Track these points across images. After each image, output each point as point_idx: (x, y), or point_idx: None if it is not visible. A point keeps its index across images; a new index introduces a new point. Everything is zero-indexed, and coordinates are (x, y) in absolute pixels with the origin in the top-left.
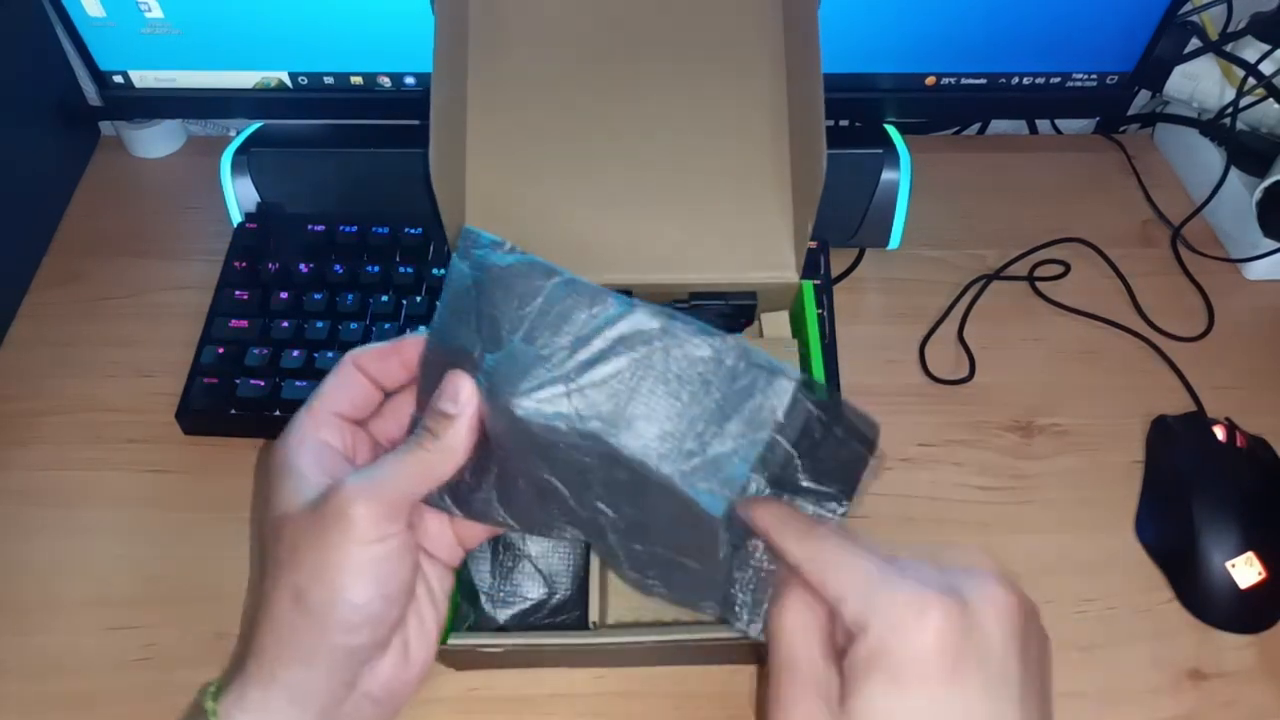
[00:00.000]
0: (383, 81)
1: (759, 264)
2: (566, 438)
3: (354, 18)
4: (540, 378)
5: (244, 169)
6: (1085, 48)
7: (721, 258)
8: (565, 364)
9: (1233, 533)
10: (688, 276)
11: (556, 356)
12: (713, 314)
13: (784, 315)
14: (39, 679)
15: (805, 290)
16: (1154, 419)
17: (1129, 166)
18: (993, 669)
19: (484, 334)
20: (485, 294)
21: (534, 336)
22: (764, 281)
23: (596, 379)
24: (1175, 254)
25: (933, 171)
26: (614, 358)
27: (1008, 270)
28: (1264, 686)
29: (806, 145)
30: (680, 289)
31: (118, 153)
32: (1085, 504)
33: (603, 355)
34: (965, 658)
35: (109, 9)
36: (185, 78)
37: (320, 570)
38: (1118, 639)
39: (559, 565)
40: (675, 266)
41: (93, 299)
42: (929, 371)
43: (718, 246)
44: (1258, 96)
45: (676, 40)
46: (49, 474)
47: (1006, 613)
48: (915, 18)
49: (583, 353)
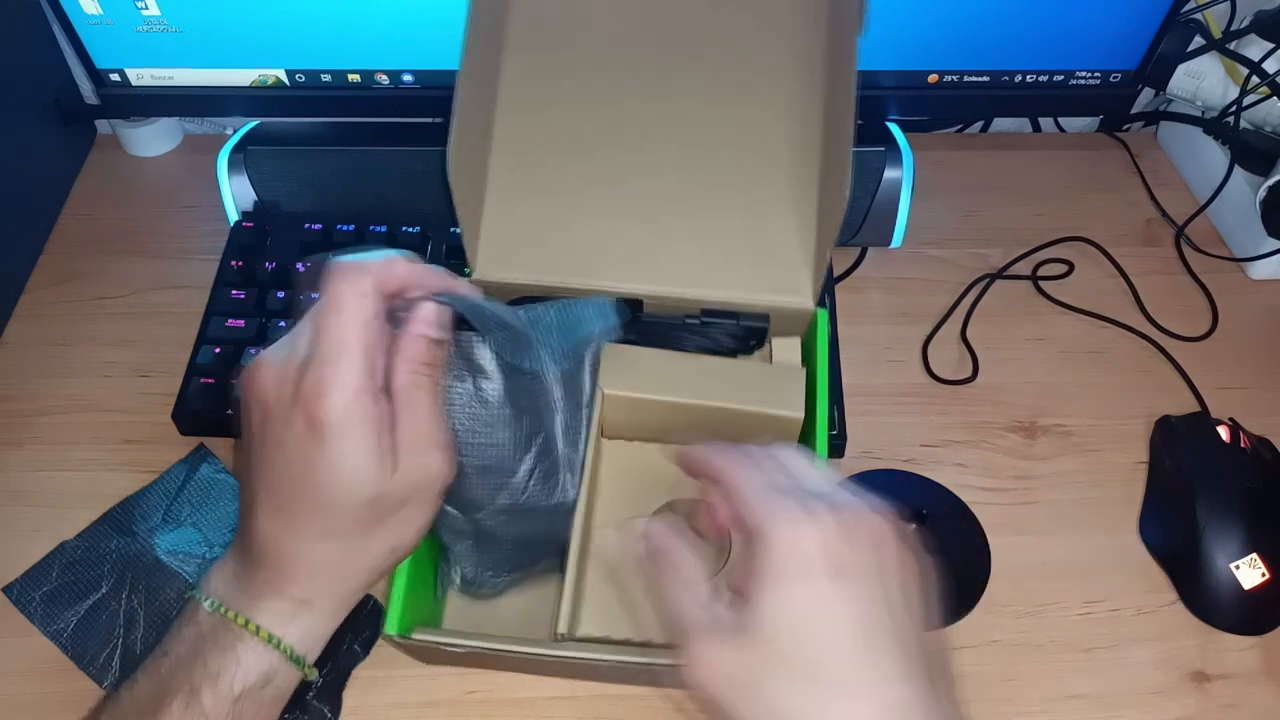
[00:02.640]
0: (380, 79)
1: (775, 287)
2: None
3: (351, 15)
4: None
5: (241, 167)
6: (1089, 46)
7: (737, 276)
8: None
9: (1237, 534)
10: (701, 292)
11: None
12: (723, 333)
13: (795, 341)
14: (39, 679)
15: (819, 319)
16: (1158, 419)
17: (1132, 165)
18: (871, 577)
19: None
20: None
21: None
22: (778, 305)
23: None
24: (1179, 253)
25: (935, 170)
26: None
27: (1011, 269)
28: (1268, 688)
29: (834, 170)
30: (692, 304)
31: (114, 151)
32: (1088, 505)
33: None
34: (844, 561)
35: (105, 7)
36: (182, 76)
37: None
38: (1121, 640)
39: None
40: (689, 281)
41: (89, 299)
42: (932, 371)
43: (734, 265)
44: (1261, 95)
45: (710, 52)
46: (45, 475)
47: (882, 533)
48: (918, 15)
49: None
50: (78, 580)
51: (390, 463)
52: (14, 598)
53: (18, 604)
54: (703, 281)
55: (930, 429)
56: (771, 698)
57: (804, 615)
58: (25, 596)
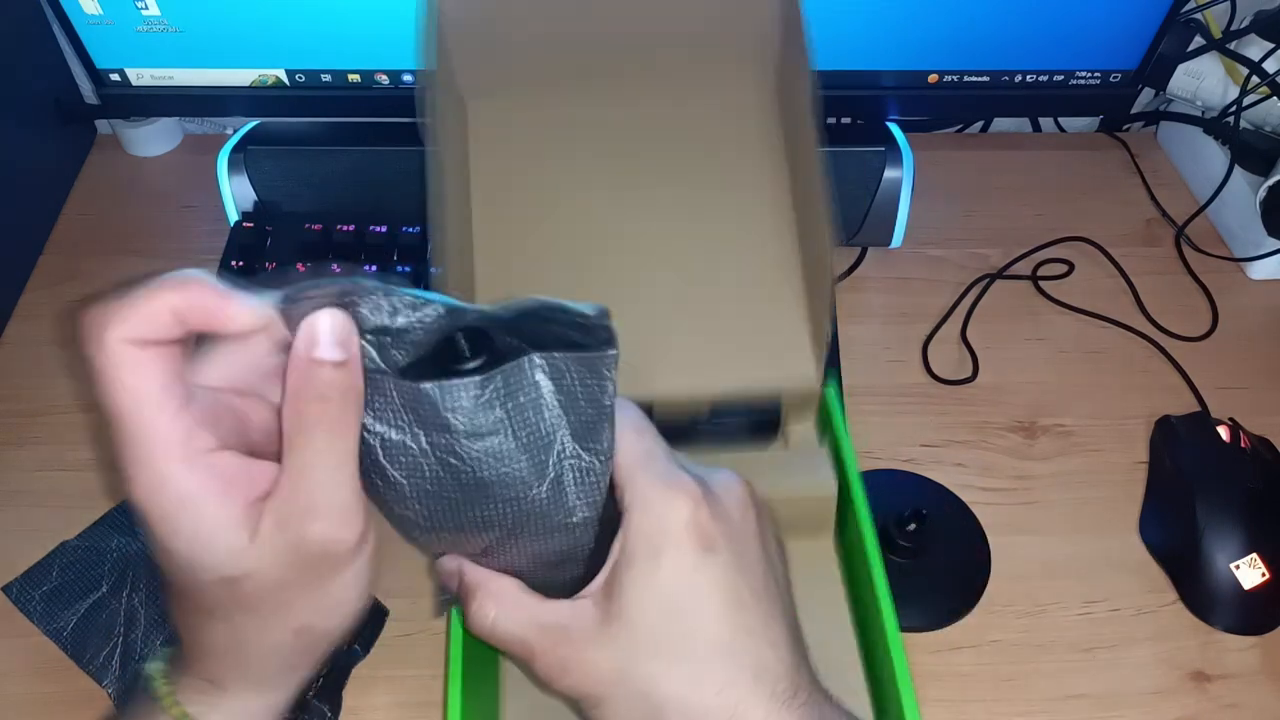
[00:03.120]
0: (380, 79)
1: (778, 371)
2: None
3: (351, 15)
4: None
5: (241, 167)
6: (1088, 46)
7: (739, 367)
8: None
9: (1237, 534)
10: (707, 389)
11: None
12: (736, 427)
13: (809, 424)
14: (39, 679)
15: (829, 398)
16: (1158, 419)
17: (1132, 165)
18: (736, 547)
19: None
20: None
21: None
22: (785, 389)
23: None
24: (1179, 253)
25: (935, 170)
26: None
27: (1011, 269)
28: (1268, 689)
29: (813, 238)
30: (699, 403)
31: (114, 151)
32: (1088, 505)
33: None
34: (713, 534)
35: (105, 6)
36: (182, 75)
37: (322, 605)
38: (1121, 640)
39: None
40: (693, 381)
41: (89, 298)
42: (931, 371)
43: (735, 357)
44: (1261, 95)
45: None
46: (46, 475)
47: (745, 501)
48: (918, 15)
49: None
50: (78, 579)
51: (244, 536)
52: (14, 597)
53: (18, 603)
54: (707, 378)
55: (930, 429)
56: (648, 683)
57: (671, 591)
58: (25, 596)
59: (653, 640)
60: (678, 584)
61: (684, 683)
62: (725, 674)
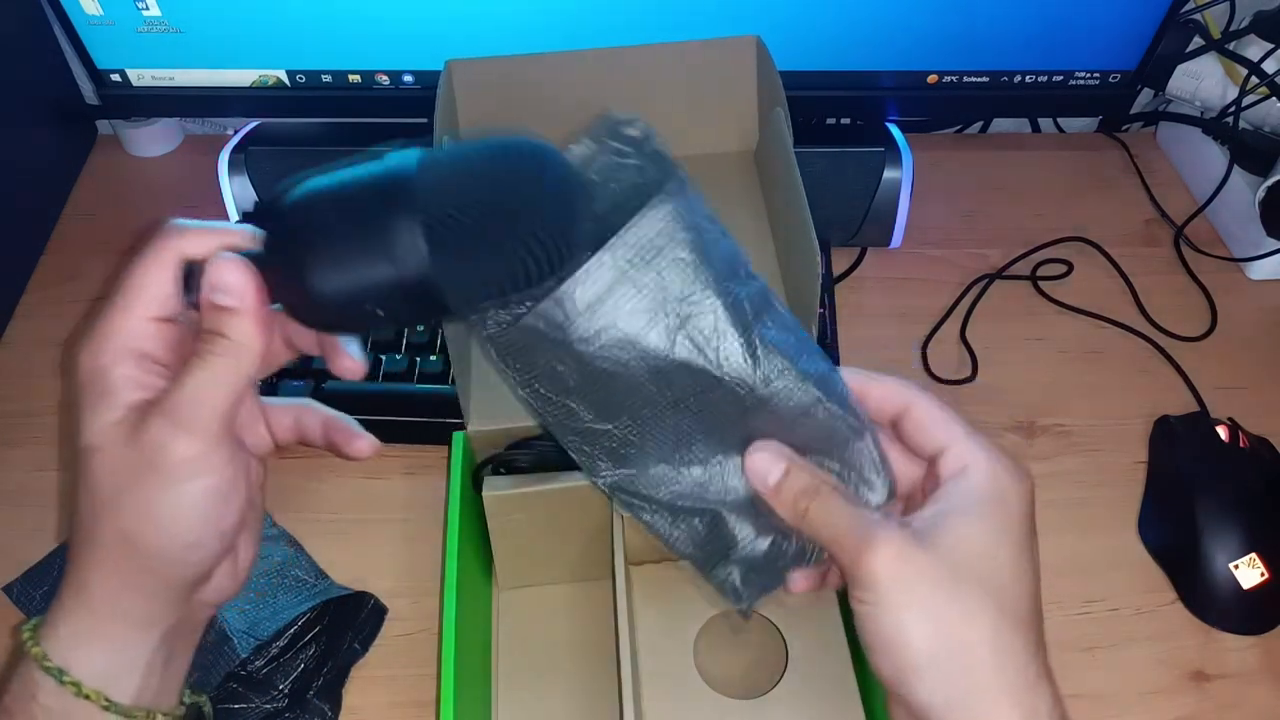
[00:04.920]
0: (381, 80)
1: None
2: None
3: (351, 16)
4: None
5: (241, 168)
6: (1088, 46)
7: None
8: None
9: (1236, 534)
10: None
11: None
12: None
13: None
14: None
15: None
16: (1157, 419)
17: (1131, 165)
18: (1034, 540)
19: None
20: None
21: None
22: None
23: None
24: (1178, 253)
25: (935, 170)
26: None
27: (1010, 269)
28: (1267, 688)
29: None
30: None
31: (115, 151)
32: (1088, 505)
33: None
34: (1032, 522)
35: (106, 7)
36: (183, 76)
37: (147, 514)
38: (1120, 640)
39: None
40: None
41: (90, 298)
42: (931, 371)
43: None
44: (1260, 95)
45: None
46: (46, 475)
47: (1032, 493)
48: (917, 15)
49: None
50: None
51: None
52: (14, 597)
53: (18, 603)
54: None
55: None
56: (944, 606)
57: (1003, 563)
58: (25, 596)
59: (957, 579)
60: (1010, 556)
61: (995, 630)
62: (1029, 640)
